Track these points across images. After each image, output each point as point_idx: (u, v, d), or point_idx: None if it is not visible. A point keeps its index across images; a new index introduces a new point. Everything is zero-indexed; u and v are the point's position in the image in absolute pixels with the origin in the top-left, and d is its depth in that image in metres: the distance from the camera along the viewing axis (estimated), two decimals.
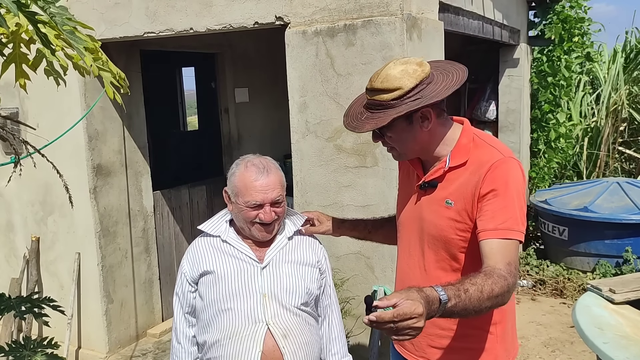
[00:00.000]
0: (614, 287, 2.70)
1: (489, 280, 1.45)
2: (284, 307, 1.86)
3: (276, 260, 1.92)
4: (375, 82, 1.64)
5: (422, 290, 1.33)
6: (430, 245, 1.75)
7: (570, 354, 4.05)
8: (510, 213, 1.58)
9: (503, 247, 1.55)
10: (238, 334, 1.82)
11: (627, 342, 2.25)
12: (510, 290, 1.49)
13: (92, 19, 3.68)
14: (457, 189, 1.68)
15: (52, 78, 1.11)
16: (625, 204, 5.14)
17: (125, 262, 4.27)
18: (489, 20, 4.65)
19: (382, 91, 1.62)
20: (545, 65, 6.03)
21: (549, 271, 5.38)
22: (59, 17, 1.00)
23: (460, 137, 1.73)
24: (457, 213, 1.67)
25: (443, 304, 1.34)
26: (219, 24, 3.32)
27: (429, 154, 1.76)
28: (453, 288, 1.39)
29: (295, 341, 1.84)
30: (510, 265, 1.52)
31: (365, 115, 1.68)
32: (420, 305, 1.27)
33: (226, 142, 5.39)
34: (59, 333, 4.08)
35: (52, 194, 4.14)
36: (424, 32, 3.07)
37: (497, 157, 1.64)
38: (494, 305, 1.48)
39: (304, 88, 3.13)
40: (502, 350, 1.80)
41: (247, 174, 1.84)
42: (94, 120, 3.96)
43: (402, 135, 1.69)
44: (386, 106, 1.63)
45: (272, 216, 1.85)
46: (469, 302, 1.39)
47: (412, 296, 1.29)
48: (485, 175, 1.61)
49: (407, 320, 1.25)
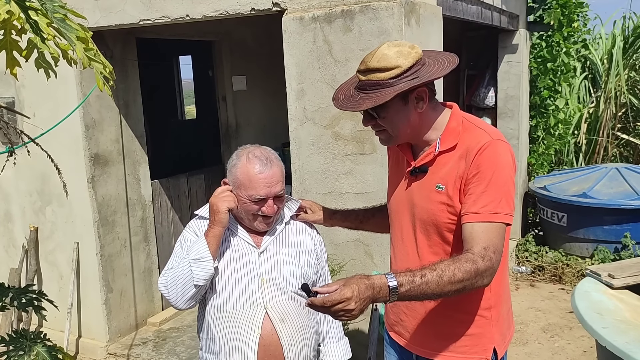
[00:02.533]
0: (613, 273, 2.71)
1: (452, 265, 1.49)
2: (282, 291, 1.88)
3: (273, 246, 1.93)
4: (371, 62, 1.63)
5: (369, 277, 1.45)
6: (423, 231, 1.76)
7: (569, 339, 4.07)
8: (494, 196, 1.58)
9: (483, 230, 1.56)
10: (237, 317, 1.85)
11: (626, 326, 2.25)
12: (481, 274, 1.51)
13: (87, 7, 3.64)
14: (447, 173, 1.68)
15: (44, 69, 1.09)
16: (624, 189, 5.14)
17: (124, 252, 4.27)
18: (488, 5, 4.61)
19: (379, 70, 1.62)
20: (545, 51, 5.99)
21: (547, 257, 5.39)
22: (49, 4, 0.98)
23: (449, 121, 1.73)
24: (448, 197, 1.67)
25: (392, 289, 1.44)
26: (215, 10, 3.29)
27: (419, 138, 1.75)
28: (409, 274, 1.47)
29: (292, 325, 1.87)
30: (487, 249, 1.53)
31: (360, 96, 1.66)
32: (350, 291, 1.40)
33: (224, 131, 5.38)
34: (59, 322, 4.11)
35: (50, 184, 4.13)
36: (422, 18, 3.05)
37: (485, 139, 1.64)
38: (462, 290, 1.51)
39: (302, 75, 3.10)
40: (498, 334, 1.81)
41: (250, 166, 1.82)
42: (91, 109, 3.94)
43: (396, 116, 1.68)
44: (383, 85, 1.62)
45: (274, 209, 1.87)
46: (426, 287, 1.46)
47: (349, 282, 1.43)
48: (474, 158, 1.62)
49: (337, 304, 1.40)
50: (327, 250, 3.14)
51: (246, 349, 1.83)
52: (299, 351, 1.88)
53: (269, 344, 1.84)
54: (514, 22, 5.61)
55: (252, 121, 5.58)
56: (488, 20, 4.71)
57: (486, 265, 1.51)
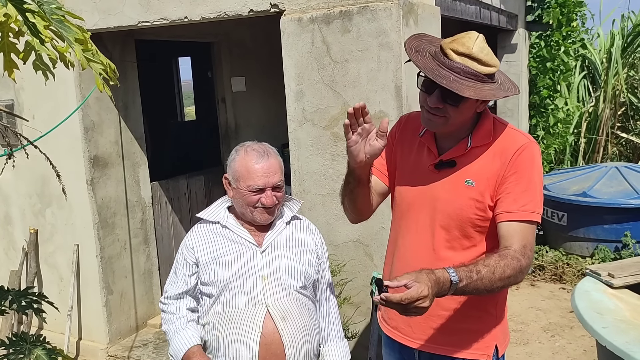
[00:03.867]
0: (613, 272, 2.71)
1: (502, 262, 1.52)
2: (284, 289, 1.89)
3: (275, 245, 1.95)
4: (475, 49, 1.59)
5: (433, 272, 1.43)
6: (443, 225, 1.74)
7: (569, 339, 4.07)
8: (532, 196, 1.63)
9: (521, 229, 1.61)
10: (238, 316, 1.86)
11: (626, 326, 2.25)
12: (523, 272, 1.57)
13: (86, 9, 3.64)
14: (479, 169, 1.69)
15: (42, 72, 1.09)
16: (624, 188, 5.14)
17: (124, 254, 4.27)
18: (487, 5, 4.61)
19: (480, 62, 1.59)
20: (544, 51, 6.00)
21: (548, 257, 5.39)
22: (47, 6, 0.98)
23: (482, 119, 1.75)
24: (478, 193, 1.68)
25: (454, 284, 1.44)
26: (214, 12, 3.29)
27: (454, 132, 1.73)
28: (466, 269, 1.48)
29: (293, 324, 1.87)
30: (525, 247, 1.59)
31: (453, 78, 1.57)
32: (427, 288, 1.37)
33: (224, 132, 5.37)
34: (59, 325, 4.11)
35: (50, 186, 4.13)
36: (420, 18, 3.05)
37: (523, 140, 1.69)
38: (506, 285, 1.56)
39: (300, 76, 3.10)
40: (501, 332, 1.82)
41: (248, 157, 1.88)
42: (90, 111, 3.94)
43: (466, 109, 1.65)
44: (479, 79, 1.59)
45: (274, 200, 1.89)
46: (480, 283, 1.49)
47: (420, 278, 1.40)
48: (512, 158, 1.65)
49: (413, 302, 1.36)
50: (327, 251, 3.15)
51: (247, 348, 1.83)
52: (300, 349, 1.88)
53: (271, 342, 1.84)
54: (513, 21, 5.61)
55: (252, 122, 5.58)
56: (487, 20, 4.71)
57: (527, 262, 1.57)
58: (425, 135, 1.81)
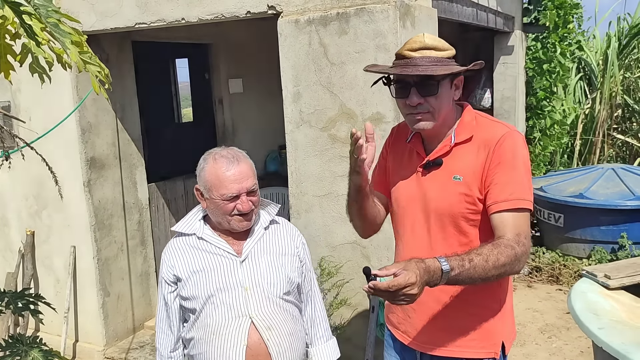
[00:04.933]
0: (609, 273, 2.71)
1: (495, 250, 1.53)
2: (267, 298, 1.85)
3: (255, 252, 1.89)
4: (426, 40, 1.66)
5: (423, 261, 1.45)
6: (437, 223, 1.77)
7: (566, 340, 4.07)
8: (519, 184, 1.64)
9: (513, 218, 1.62)
10: (222, 330, 1.81)
11: (623, 327, 2.26)
12: (519, 259, 1.57)
13: (83, 10, 3.64)
14: (465, 164, 1.72)
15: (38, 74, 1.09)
16: (621, 190, 5.15)
17: (121, 255, 4.26)
18: (483, 7, 4.62)
19: (436, 48, 1.66)
20: (540, 52, 6.02)
21: (544, 258, 5.40)
22: (43, 9, 0.98)
23: (463, 116, 1.79)
24: (467, 187, 1.70)
25: (445, 273, 1.45)
26: (211, 13, 3.29)
27: (439, 129, 1.77)
28: (458, 258, 1.49)
29: (279, 332, 1.84)
30: (519, 235, 1.59)
31: (422, 68, 1.63)
32: (415, 276, 1.39)
33: (221, 134, 5.37)
34: (56, 327, 4.10)
35: (46, 188, 4.12)
36: (417, 20, 3.05)
37: (503, 130, 1.71)
38: (503, 274, 1.57)
39: (298, 78, 3.11)
40: (507, 328, 1.84)
41: (218, 165, 1.82)
42: (87, 112, 3.93)
43: (446, 97, 1.70)
44: (443, 62, 1.65)
45: (250, 206, 1.83)
46: (474, 272, 1.49)
47: (409, 266, 1.41)
48: (494, 149, 1.67)
49: (402, 289, 1.38)
50: (323, 252, 3.16)
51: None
52: (287, 358, 1.85)
53: (257, 354, 1.80)
54: (510, 23, 5.63)
55: (249, 124, 5.58)
56: (483, 22, 4.73)
57: (522, 250, 1.57)
58: (412, 140, 1.86)
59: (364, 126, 1.68)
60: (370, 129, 1.68)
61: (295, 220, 3.22)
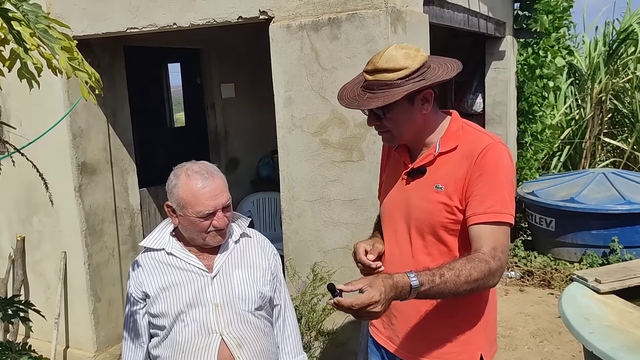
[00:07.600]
0: (600, 277, 2.72)
1: (468, 264, 1.52)
2: (238, 315, 1.81)
3: (226, 267, 1.85)
4: (379, 62, 1.65)
5: (392, 276, 1.45)
6: (418, 231, 1.77)
7: (558, 344, 4.08)
8: (499, 197, 1.62)
9: (490, 231, 1.60)
10: (192, 347, 1.77)
11: (613, 331, 2.26)
12: (493, 274, 1.55)
13: (74, 15, 3.63)
14: (447, 173, 1.71)
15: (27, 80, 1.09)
16: (612, 194, 5.19)
17: (112, 261, 4.24)
18: (475, 12, 4.65)
19: (387, 70, 1.64)
20: (531, 58, 6.05)
21: (536, 262, 5.42)
22: (32, 15, 0.98)
23: (450, 125, 1.78)
24: (447, 197, 1.69)
25: (414, 288, 1.45)
26: (203, 18, 3.29)
27: (420, 140, 1.78)
28: (428, 273, 1.48)
29: (250, 349, 1.81)
30: (496, 249, 1.57)
31: (367, 95, 1.68)
32: (379, 294, 1.39)
33: (213, 139, 5.37)
34: (46, 333, 4.06)
35: (37, 193, 4.09)
36: (408, 25, 3.06)
37: (487, 142, 1.69)
38: (475, 289, 1.55)
39: (289, 83, 3.11)
40: (486, 341, 1.82)
41: (192, 182, 1.76)
42: (78, 117, 3.91)
43: (401, 116, 1.70)
44: (392, 85, 1.64)
45: (226, 221, 1.80)
46: (444, 287, 1.48)
47: (375, 283, 1.42)
48: (476, 160, 1.65)
49: (365, 307, 1.39)
50: (316, 257, 3.15)
51: None
52: None
53: None
54: (501, 29, 5.66)
55: (241, 128, 5.57)
56: (475, 28, 4.75)
57: (497, 265, 1.55)
58: (399, 148, 1.87)
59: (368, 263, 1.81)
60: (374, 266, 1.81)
61: (288, 225, 3.21)
